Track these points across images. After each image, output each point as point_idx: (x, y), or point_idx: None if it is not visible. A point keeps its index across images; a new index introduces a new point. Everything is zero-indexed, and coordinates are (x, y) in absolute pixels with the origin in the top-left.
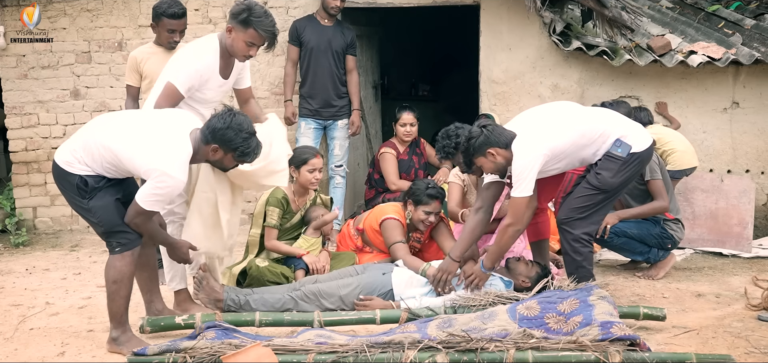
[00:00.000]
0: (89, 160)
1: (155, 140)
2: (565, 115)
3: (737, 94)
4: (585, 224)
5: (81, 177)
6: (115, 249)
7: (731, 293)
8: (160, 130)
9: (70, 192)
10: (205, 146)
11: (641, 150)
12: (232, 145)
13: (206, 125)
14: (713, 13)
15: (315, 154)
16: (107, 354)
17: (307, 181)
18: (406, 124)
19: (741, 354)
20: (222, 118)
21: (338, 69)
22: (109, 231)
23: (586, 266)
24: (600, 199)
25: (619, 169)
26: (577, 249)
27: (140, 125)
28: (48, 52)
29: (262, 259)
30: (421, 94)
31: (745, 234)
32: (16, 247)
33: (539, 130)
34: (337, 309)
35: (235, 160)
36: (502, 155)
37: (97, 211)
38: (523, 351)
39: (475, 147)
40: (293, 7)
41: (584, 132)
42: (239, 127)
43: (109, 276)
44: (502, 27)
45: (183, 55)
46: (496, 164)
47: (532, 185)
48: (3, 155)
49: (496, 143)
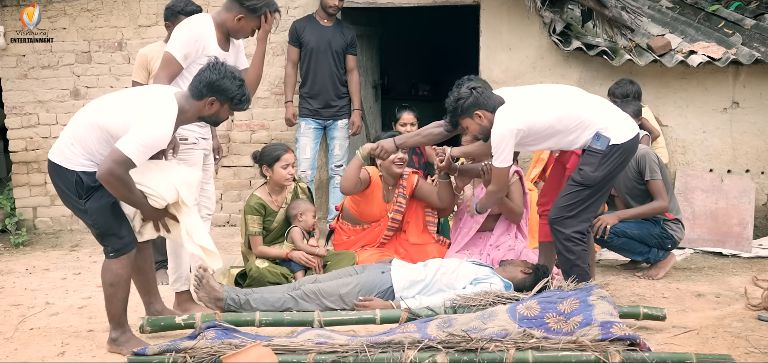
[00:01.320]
0: (82, 148)
1: (141, 102)
2: (550, 97)
3: (737, 94)
4: (575, 222)
5: (78, 174)
6: (110, 254)
7: (731, 293)
8: (144, 95)
9: (66, 190)
10: (198, 101)
11: (623, 141)
12: (229, 93)
13: (197, 80)
14: (713, 13)
15: (286, 149)
16: (107, 354)
17: (281, 177)
18: (406, 124)
19: (741, 354)
20: (215, 70)
21: (338, 69)
22: (104, 234)
23: (580, 265)
24: (586, 195)
25: (600, 163)
26: (570, 248)
27: (123, 98)
28: (48, 51)
29: (262, 261)
30: (421, 94)
31: (745, 234)
32: (16, 247)
33: (521, 105)
34: (337, 308)
35: (231, 109)
36: (488, 119)
37: (93, 212)
38: (523, 351)
39: (463, 108)
40: (293, 6)
41: (562, 117)
42: (232, 75)
43: (105, 279)
44: (502, 27)
45: (177, 28)
46: (481, 127)
47: (510, 156)
48: (3, 155)
49: (484, 106)
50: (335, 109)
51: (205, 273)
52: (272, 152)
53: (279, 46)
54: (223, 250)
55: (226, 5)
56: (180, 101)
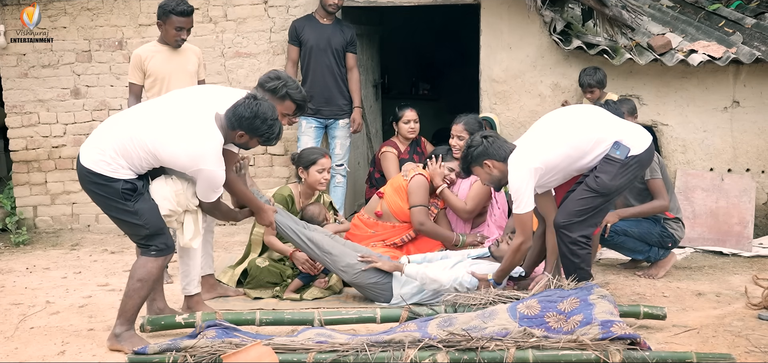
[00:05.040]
0: (127, 161)
1: (190, 135)
2: (559, 127)
3: (738, 93)
4: (583, 227)
5: (126, 181)
6: (152, 252)
7: (731, 292)
8: (193, 124)
9: (109, 197)
10: (231, 131)
11: (640, 152)
12: (258, 132)
13: (232, 112)
14: (714, 11)
15: (324, 154)
16: (108, 352)
17: (316, 181)
18: (409, 121)
19: (741, 353)
20: (248, 107)
21: (339, 67)
22: (153, 233)
23: (584, 268)
24: (598, 203)
25: (617, 172)
26: (575, 251)
27: (169, 118)
28: (48, 51)
29: (263, 259)
30: (421, 93)
31: (746, 233)
32: (17, 246)
33: (532, 145)
34: (334, 269)
35: (259, 143)
36: (499, 168)
37: (144, 213)
38: (523, 350)
39: (473, 156)
40: (293, 6)
41: (577, 144)
42: (264, 116)
43: (136, 274)
44: (503, 26)
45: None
46: (491, 176)
47: (531, 200)
48: (3, 154)
49: (494, 156)
50: (336, 108)
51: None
52: (310, 155)
53: (279, 45)
54: (223, 249)
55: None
56: (219, 127)
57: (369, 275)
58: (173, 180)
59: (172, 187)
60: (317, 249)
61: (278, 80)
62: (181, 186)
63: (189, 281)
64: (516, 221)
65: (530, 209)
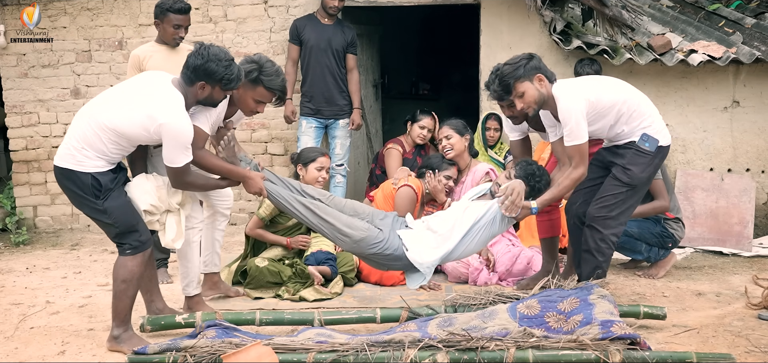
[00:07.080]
0: (93, 150)
1: (146, 98)
2: (612, 81)
3: (738, 92)
4: (615, 224)
5: (94, 176)
6: (127, 251)
7: (731, 292)
8: (145, 88)
9: (81, 193)
10: (191, 87)
11: (667, 143)
12: (216, 76)
13: (185, 67)
14: (714, 11)
15: (323, 153)
16: (108, 353)
17: (313, 178)
18: (424, 128)
19: (741, 353)
20: (198, 55)
21: (339, 67)
22: (124, 231)
23: (604, 268)
24: (629, 195)
25: (648, 164)
26: (603, 250)
27: (123, 94)
28: (48, 50)
29: (262, 259)
30: (422, 92)
31: (746, 233)
32: (17, 246)
33: (580, 83)
34: (333, 238)
35: (223, 90)
36: (547, 88)
37: (113, 211)
38: (523, 350)
39: (526, 69)
40: (293, 6)
41: (626, 99)
42: (217, 58)
43: (118, 275)
44: (503, 26)
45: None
46: (539, 93)
47: (584, 128)
48: (3, 154)
49: (546, 74)
50: (336, 108)
51: (230, 134)
52: (309, 153)
53: (279, 45)
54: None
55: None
56: (179, 89)
57: (368, 245)
58: (154, 176)
59: (152, 182)
60: (313, 217)
61: (253, 64)
62: (162, 181)
63: (188, 282)
64: (573, 151)
65: (584, 140)
